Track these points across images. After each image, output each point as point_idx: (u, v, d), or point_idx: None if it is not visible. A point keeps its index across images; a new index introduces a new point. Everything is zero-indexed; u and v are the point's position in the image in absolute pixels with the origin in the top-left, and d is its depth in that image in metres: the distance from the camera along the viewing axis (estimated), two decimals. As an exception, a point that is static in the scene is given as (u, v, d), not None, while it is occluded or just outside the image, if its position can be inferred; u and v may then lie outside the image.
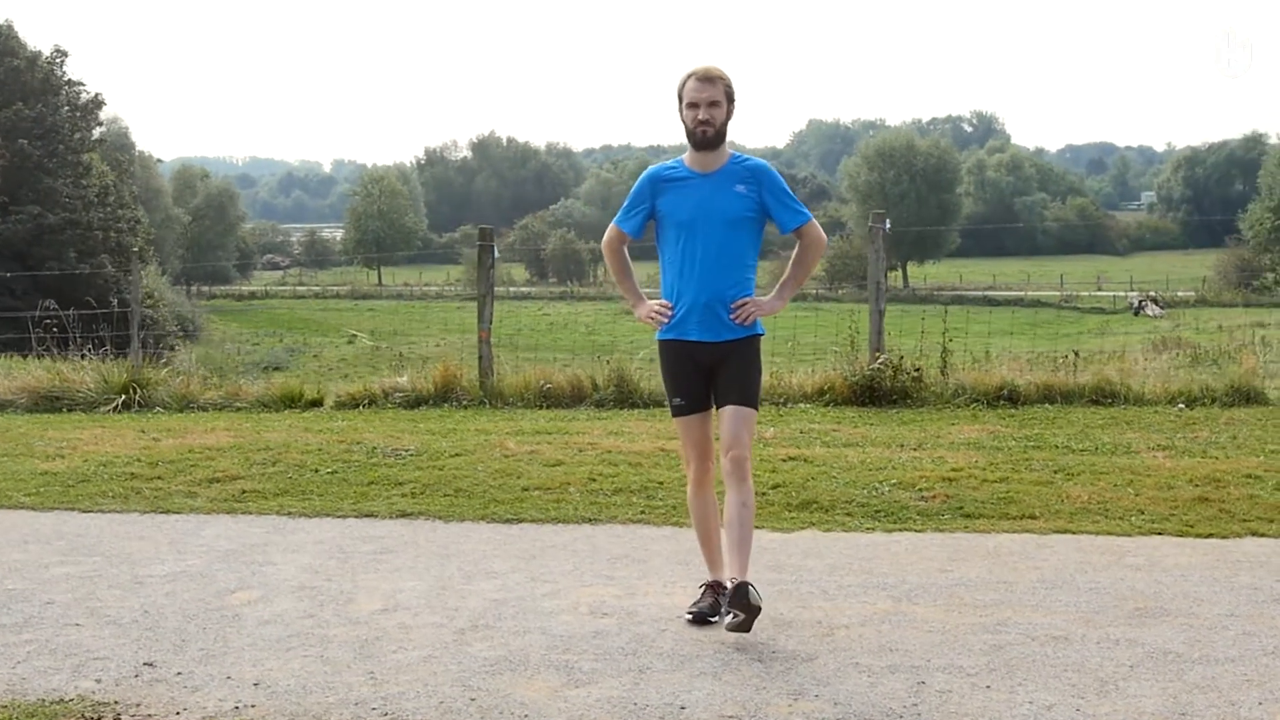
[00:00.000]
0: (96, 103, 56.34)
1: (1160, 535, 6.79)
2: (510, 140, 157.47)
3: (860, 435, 9.60)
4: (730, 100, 5.58)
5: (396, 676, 5.00)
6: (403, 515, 7.65)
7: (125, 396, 13.03)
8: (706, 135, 5.53)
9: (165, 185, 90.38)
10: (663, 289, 5.69)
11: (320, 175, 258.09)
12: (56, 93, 53.95)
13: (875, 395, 11.17)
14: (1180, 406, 10.62)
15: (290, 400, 12.96)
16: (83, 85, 55.87)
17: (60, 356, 14.56)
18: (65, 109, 53.75)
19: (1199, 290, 66.37)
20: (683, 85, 5.58)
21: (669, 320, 5.60)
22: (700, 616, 5.57)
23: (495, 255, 13.40)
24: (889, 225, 11.84)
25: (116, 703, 4.76)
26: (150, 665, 5.16)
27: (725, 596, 5.35)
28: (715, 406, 5.61)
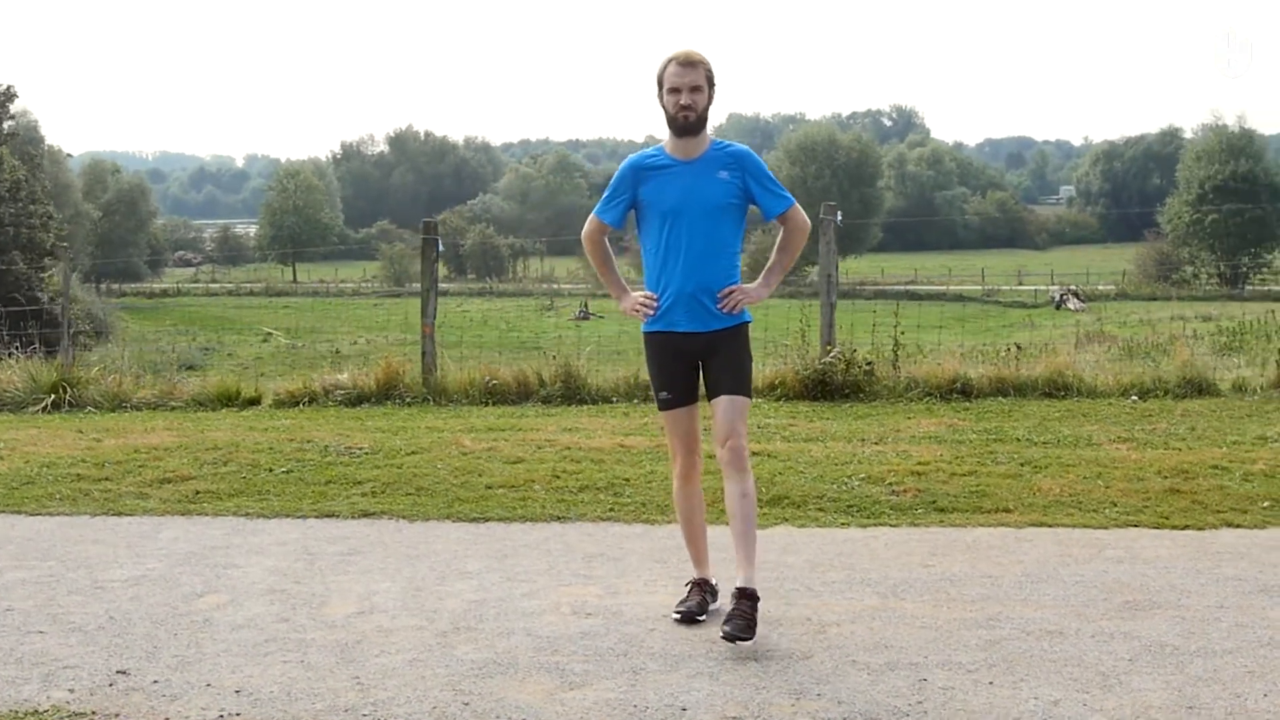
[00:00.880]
0: (8, 95, 55.08)
1: (1137, 527, 6.80)
2: (428, 134, 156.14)
3: (819, 430, 9.55)
4: (711, 85, 5.47)
5: (383, 681, 4.86)
6: (365, 515, 7.47)
7: (55, 396, 12.67)
8: (689, 120, 5.40)
9: (75, 180, 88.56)
10: (646, 280, 5.58)
11: (233, 170, 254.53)
12: (-37, 86, 52.73)
13: (827, 389, 11.13)
14: (1134, 398, 10.69)
15: (227, 398, 12.68)
16: (-8, 78, 54.64)
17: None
18: (-28, 103, 52.56)
19: (1119, 284, 67.20)
20: (663, 70, 5.45)
21: (655, 312, 5.49)
22: (689, 616, 5.47)
23: (440, 249, 13.20)
24: (840, 218, 11.81)
25: (94, 713, 4.58)
26: (124, 673, 4.96)
27: (727, 617, 5.14)
28: (708, 397, 5.50)
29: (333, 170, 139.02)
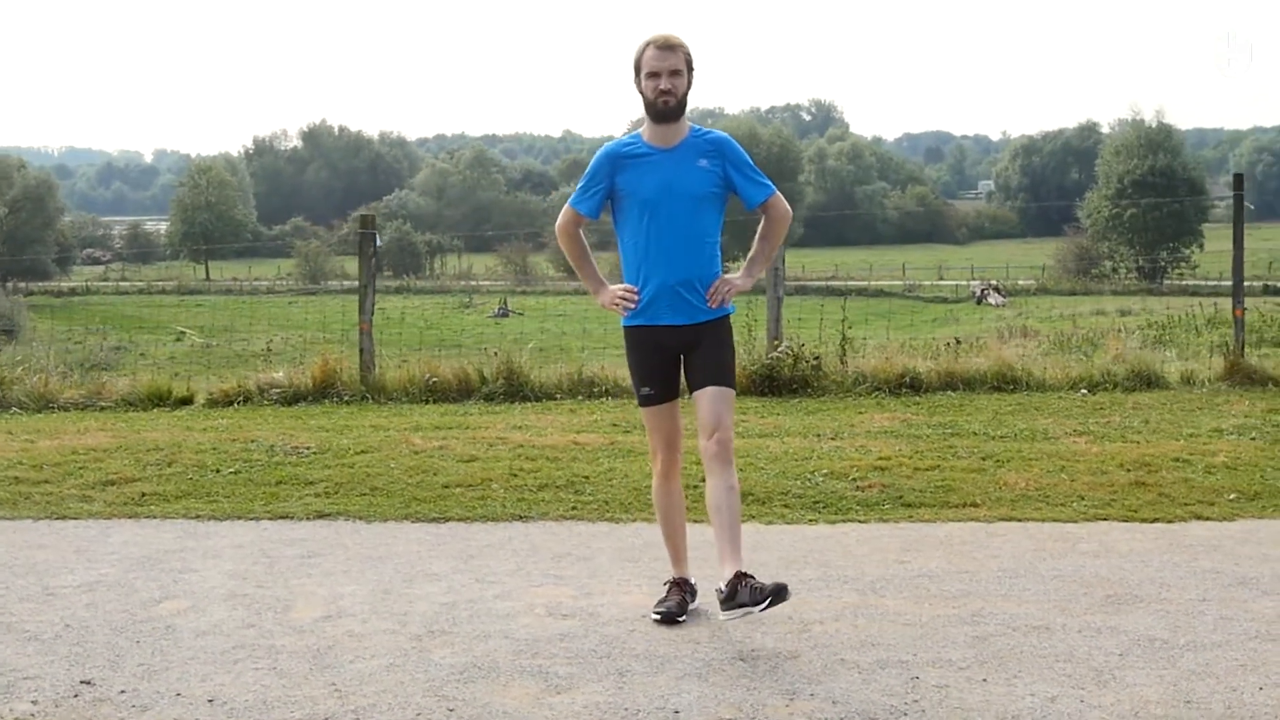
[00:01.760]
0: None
1: (1107, 521, 6.79)
2: (342, 129, 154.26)
3: (772, 425, 9.49)
4: (690, 69, 5.36)
5: (361, 688, 4.70)
6: (321, 516, 7.28)
7: (-26, 397, 12.27)
8: (668, 106, 5.28)
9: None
10: (624, 272, 5.45)
11: (141, 166, 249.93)
12: None
13: (775, 384, 11.07)
14: (1083, 392, 10.74)
15: (159, 398, 12.35)
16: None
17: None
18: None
19: (1039, 279, 67.78)
20: (640, 54, 5.33)
21: (635, 305, 5.37)
22: (669, 616, 5.35)
23: (377, 244, 12.98)
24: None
25: (62, 726, 4.38)
26: (88, 684, 4.77)
27: (730, 592, 4.86)
28: (689, 390, 5.38)
29: (245, 166, 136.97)
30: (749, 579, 4.91)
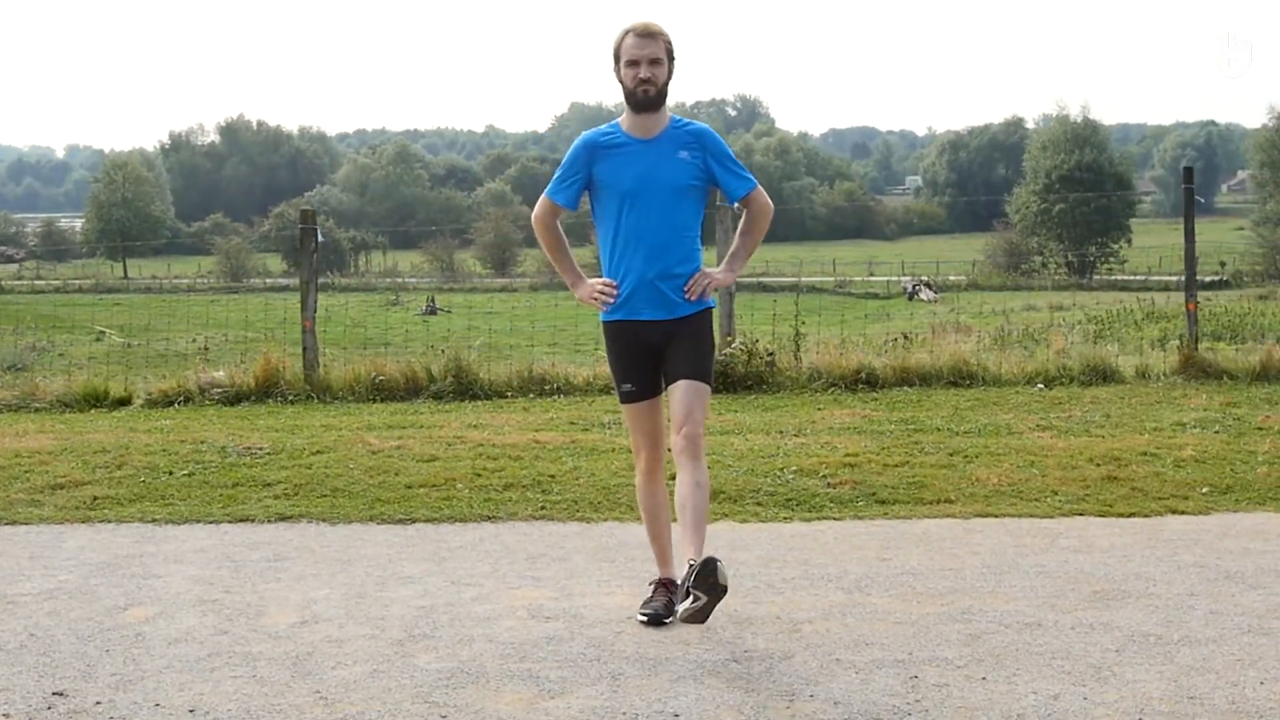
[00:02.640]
0: None
1: (1083, 516, 6.77)
2: (261, 124, 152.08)
3: (733, 423, 9.41)
4: (671, 58, 5.27)
5: (347, 695, 4.56)
6: (283, 518, 7.09)
7: (-101, 399, 11.90)
8: (648, 95, 5.18)
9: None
10: (603, 265, 5.34)
11: (53, 161, 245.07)
12: None
13: (729, 381, 10.98)
14: (1040, 387, 10.77)
15: (95, 398, 12.04)
16: None
17: None
18: None
19: (969, 274, 68.10)
20: (620, 42, 5.23)
21: (614, 300, 5.26)
22: (655, 617, 5.24)
23: (319, 239, 12.76)
24: (737, 204, 11.65)
25: (37, 741, 4.20)
26: (61, 695, 4.59)
27: (688, 580, 4.72)
28: (665, 383, 5.28)
29: (162, 161, 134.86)
30: (714, 568, 4.70)
